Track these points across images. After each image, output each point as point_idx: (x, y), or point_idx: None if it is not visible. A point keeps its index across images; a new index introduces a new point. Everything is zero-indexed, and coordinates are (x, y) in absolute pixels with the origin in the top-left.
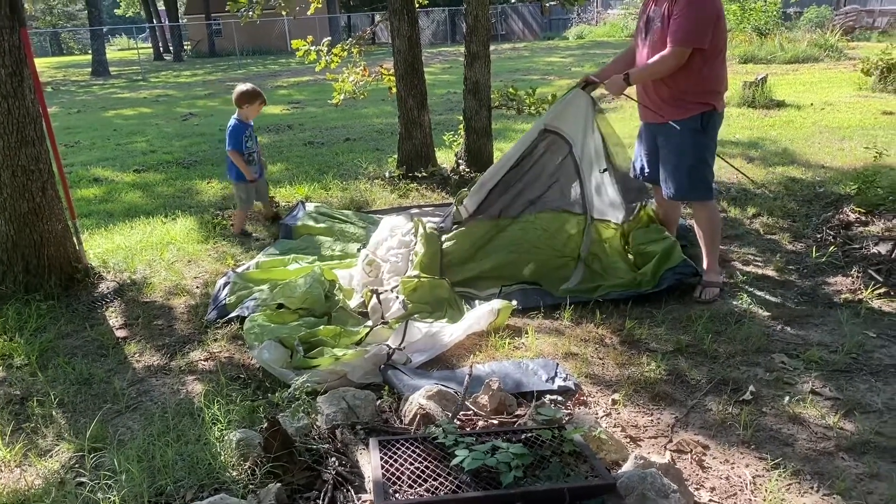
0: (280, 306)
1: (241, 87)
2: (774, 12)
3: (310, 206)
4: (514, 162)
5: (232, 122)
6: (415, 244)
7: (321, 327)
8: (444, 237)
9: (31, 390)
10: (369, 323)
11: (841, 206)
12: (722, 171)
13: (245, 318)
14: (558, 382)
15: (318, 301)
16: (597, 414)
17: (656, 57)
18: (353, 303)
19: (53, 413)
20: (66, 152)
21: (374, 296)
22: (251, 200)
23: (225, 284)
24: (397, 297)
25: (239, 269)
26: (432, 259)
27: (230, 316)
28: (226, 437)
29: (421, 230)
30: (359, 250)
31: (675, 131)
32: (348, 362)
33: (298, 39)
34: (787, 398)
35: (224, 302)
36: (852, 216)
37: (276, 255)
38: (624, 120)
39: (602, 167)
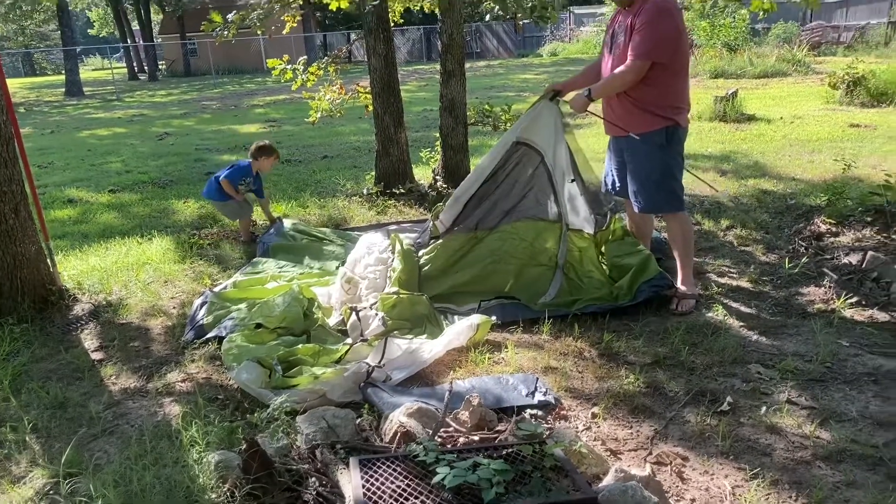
0: (258, 326)
1: (258, 142)
2: (743, 28)
3: (287, 224)
4: (487, 174)
5: (245, 162)
6: (392, 261)
7: (300, 346)
8: (421, 252)
9: (4, 416)
10: (349, 341)
11: (812, 217)
12: (696, 183)
13: (223, 338)
14: (538, 397)
15: (297, 320)
16: (577, 428)
17: (616, 71)
18: (332, 321)
19: (27, 439)
20: (39, 173)
21: (354, 313)
22: (238, 212)
23: (202, 304)
24: (376, 314)
25: (216, 289)
26: (410, 275)
27: (208, 336)
28: (204, 460)
29: (398, 246)
30: (337, 268)
31: (640, 145)
32: (327, 381)
33: (274, 58)
34: (763, 408)
35: (201, 322)
36: (823, 227)
37: (253, 275)
38: (598, 136)
39: (570, 178)
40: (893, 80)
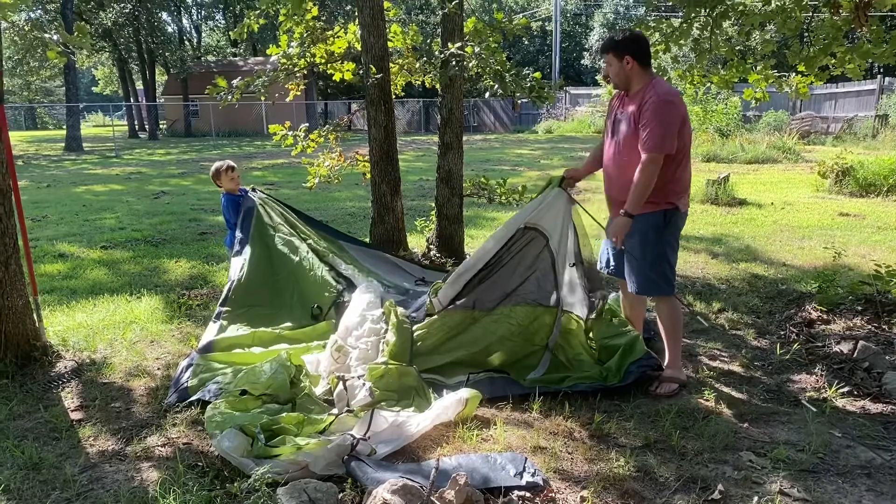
0: (243, 392)
1: (212, 168)
2: (735, 115)
3: (256, 198)
4: (491, 257)
5: (223, 200)
6: (385, 332)
7: (284, 415)
8: (415, 326)
9: None
10: (335, 411)
11: (803, 303)
12: (687, 265)
13: (207, 402)
14: (527, 478)
15: (283, 387)
16: None
17: (638, 172)
18: (320, 389)
19: None
20: (32, 227)
21: (341, 382)
22: None
23: (187, 366)
24: (364, 384)
25: (200, 344)
26: (402, 348)
27: (191, 399)
28: None
29: (392, 318)
30: (312, 309)
31: (637, 225)
32: (310, 452)
33: (276, 124)
34: (755, 498)
35: (186, 385)
36: (814, 314)
37: (241, 325)
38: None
39: (571, 262)
40: (881, 171)
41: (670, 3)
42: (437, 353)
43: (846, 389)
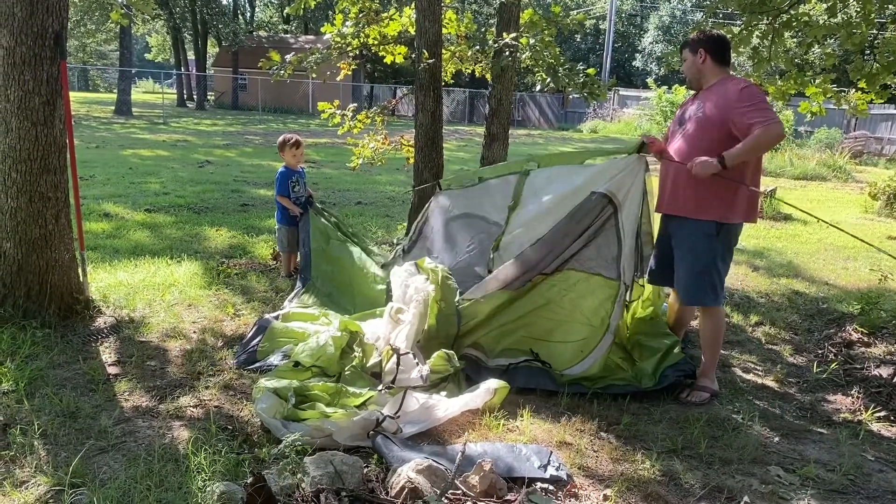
0: (297, 364)
1: (279, 138)
2: (786, 128)
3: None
4: (560, 221)
5: (280, 169)
6: (433, 290)
7: (319, 383)
8: (463, 296)
9: (16, 418)
10: (380, 387)
11: (843, 324)
12: (727, 276)
13: (268, 369)
14: (551, 471)
15: (331, 361)
16: None
17: (758, 134)
18: (372, 361)
19: (35, 443)
20: (80, 185)
21: (395, 355)
22: (292, 246)
23: (260, 330)
24: (417, 365)
25: (274, 314)
26: (448, 305)
27: (257, 365)
28: (208, 489)
29: (433, 277)
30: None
31: (688, 229)
32: (335, 422)
33: (324, 102)
34: None
35: (256, 348)
36: (855, 336)
37: (303, 308)
38: None
39: (635, 234)
40: None
41: (729, 10)
42: (484, 325)
43: (882, 414)
